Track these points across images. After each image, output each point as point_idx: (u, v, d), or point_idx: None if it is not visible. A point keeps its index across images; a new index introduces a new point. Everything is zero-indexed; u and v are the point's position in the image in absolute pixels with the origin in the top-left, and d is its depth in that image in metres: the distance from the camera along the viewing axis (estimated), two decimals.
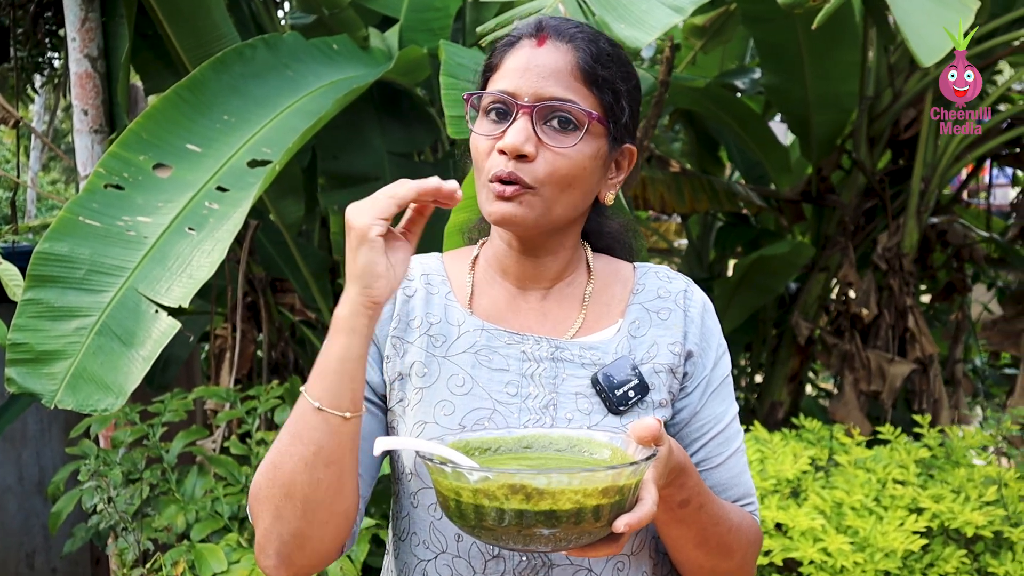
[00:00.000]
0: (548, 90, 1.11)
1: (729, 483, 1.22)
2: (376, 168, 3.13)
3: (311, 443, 1.02)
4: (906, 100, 3.97)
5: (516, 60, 1.14)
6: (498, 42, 1.21)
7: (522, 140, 1.10)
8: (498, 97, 1.12)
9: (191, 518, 2.52)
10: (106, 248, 2.20)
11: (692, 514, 1.09)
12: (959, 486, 2.55)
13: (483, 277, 1.25)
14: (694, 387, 1.21)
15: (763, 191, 4.56)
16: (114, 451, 2.77)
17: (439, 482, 0.94)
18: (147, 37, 3.22)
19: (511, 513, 0.88)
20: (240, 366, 3.41)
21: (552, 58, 1.13)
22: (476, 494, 0.89)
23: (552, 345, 1.18)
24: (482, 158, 1.14)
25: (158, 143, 2.43)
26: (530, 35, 1.15)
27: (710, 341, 1.23)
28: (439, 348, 1.19)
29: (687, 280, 1.27)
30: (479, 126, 1.15)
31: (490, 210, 1.13)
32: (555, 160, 1.11)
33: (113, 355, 2.06)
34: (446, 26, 3.34)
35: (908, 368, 3.98)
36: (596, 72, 1.14)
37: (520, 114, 1.11)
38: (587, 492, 0.88)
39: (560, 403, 1.16)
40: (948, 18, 2.05)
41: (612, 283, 1.26)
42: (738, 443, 1.24)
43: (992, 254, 4.73)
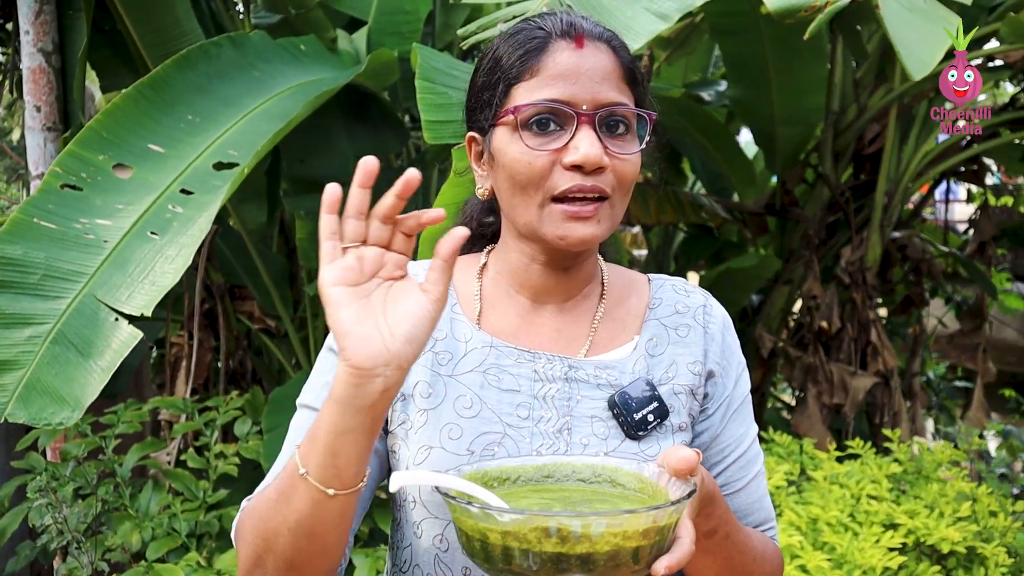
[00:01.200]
0: (605, 95, 1.04)
1: (750, 508, 1.17)
2: (344, 173, 3.01)
3: (294, 511, 0.93)
4: (870, 115, 4.00)
5: (558, 64, 1.04)
6: (503, 48, 1.09)
7: (600, 151, 1.02)
8: (548, 107, 1.03)
9: (147, 536, 2.41)
10: (62, 252, 2.08)
11: (718, 544, 1.03)
12: (932, 502, 2.55)
13: (493, 290, 1.16)
14: (715, 408, 1.15)
15: (727, 203, 4.55)
16: (63, 465, 2.64)
17: (462, 521, 0.86)
18: (105, 33, 3.09)
19: (543, 557, 0.81)
20: (196, 375, 3.29)
21: (598, 59, 1.05)
22: (505, 536, 0.82)
23: (566, 364, 1.10)
24: (535, 177, 1.04)
25: (118, 142, 2.32)
26: (564, 35, 1.06)
27: (731, 360, 1.17)
28: (445, 366, 1.11)
29: (705, 294, 1.21)
30: (526, 139, 1.04)
31: (561, 233, 1.04)
32: (622, 167, 1.05)
33: (69, 365, 1.94)
34: (416, 29, 3.27)
35: (870, 381, 4.00)
36: (635, 72, 1.08)
37: (582, 123, 1.03)
38: (627, 534, 0.81)
39: (575, 427, 1.08)
40: (932, 32, 2.04)
41: (627, 296, 1.18)
42: (759, 465, 1.18)
43: (948, 269, 4.80)
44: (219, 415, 2.81)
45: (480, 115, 1.11)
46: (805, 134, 4.18)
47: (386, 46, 3.11)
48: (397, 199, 0.87)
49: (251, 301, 3.51)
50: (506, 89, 1.07)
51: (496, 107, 1.08)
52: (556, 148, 1.03)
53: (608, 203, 1.05)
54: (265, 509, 0.97)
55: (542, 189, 1.04)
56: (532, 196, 1.05)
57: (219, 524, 2.55)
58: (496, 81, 1.08)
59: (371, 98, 3.18)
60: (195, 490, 2.62)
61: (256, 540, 0.98)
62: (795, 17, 1.83)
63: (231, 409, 2.82)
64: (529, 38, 1.06)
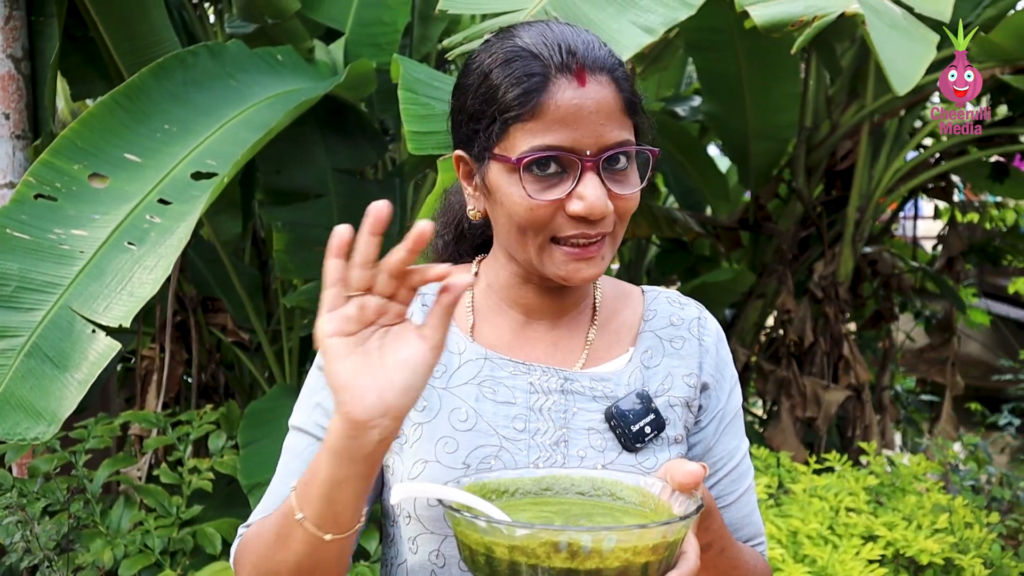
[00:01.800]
0: (608, 135, 1.00)
1: (741, 522, 1.16)
2: (320, 184, 3.01)
3: (293, 552, 0.92)
4: (843, 132, 4.05)
5: (560, 106, 0.98)
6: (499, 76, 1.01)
7: (604, 202, 0.98)
8: (555, 156, 0.99)
9: (119, 553, 2.35)
10: (36, 263, 2.03)
11: (713, 559, 1.02)
12: (910, 514, 2.57)
13: (485, 302, 1.14)
14: (709, 420, 1.14)
15: (701, 217, 4.58)
16: (32, 481, 2.57)
17: (467, 535, 0.85)
18: (76, 40, 3.04)
19: (552, 572, 0.80)
20: (168, 389, 3.23)
21: (600, 96, 1.00)
22: (512, 550, 0.80)
23: (561, 376, 1.09)
24: (536, 223, 1.01)
25: (94, 151, 2.27)
26: (564, 69, 0.99)
27: (724, 372, 1.16)
28: (439, 379, 1.08)
29: (699, 306, 1.20)
30: (527, 185, 1.00)
31: (564, 273, 1.02)
32: (625, 205, 1.02)
33: (45, 379, 1.89)
34: (394, 41, 3.26)
35: (843, 395, 4.03)
36: (636, 100, 1.05)
37: (586, 170, 0.99)
38: (637, 550, 0.80)
39: (571, 439, 1.07)
40: (914, 49, 2.08)
41: (622, 308, 1.17)
42: (749, 479, 1.17)
43: (917, 284, 4.87)
44: (193, 429, 2.76)
45: (473, 142, 1.06)
46: (778, 150, 4.23)
47: (363, 57, 3.09)
48: (408, 253, 0.83)
49: (224, 313, 3.46)
50: (503, 127, 1.01)
51: (492, 140, 1.02)
52: (559, 198, 0.99)
53: (610, 236, 1.04)
54: (264, 548, 0.96)
55: (543, 233, 1.02)
56: (532, 237, 1.02)
57: (193, 541, 2.50)
58: (492, 114, 1.01)
59: (348, 109, 3.16)
60: (168, 506, 2.56)
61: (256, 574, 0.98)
62: (782, 31, 1.84)
63: (205, 423, 2.77)
64: (527, 74, 0.99)
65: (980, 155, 4.04)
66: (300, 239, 2.87)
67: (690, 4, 2.17)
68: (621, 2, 2.14)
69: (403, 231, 2.45)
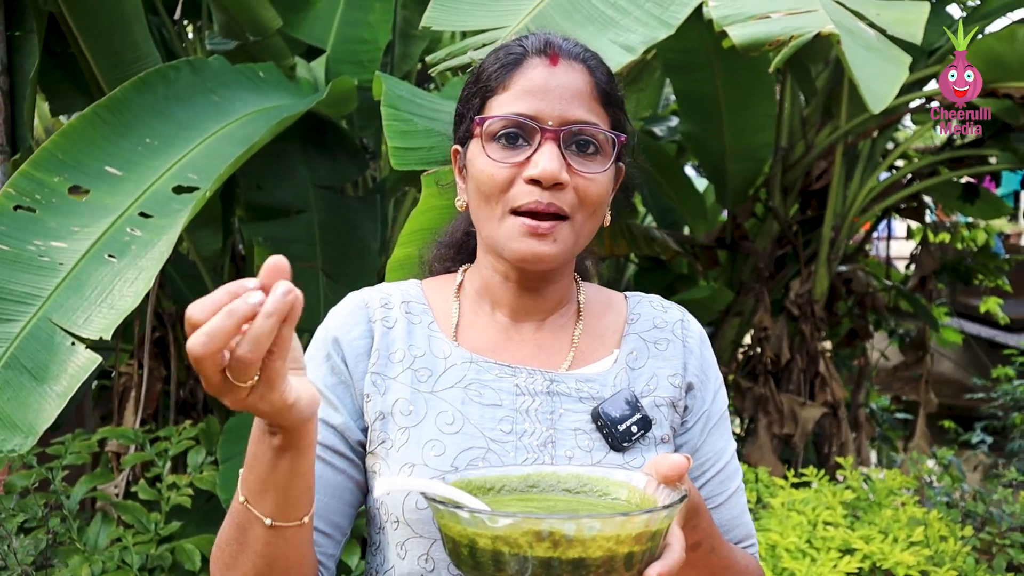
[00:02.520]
0: (573, 112, 1.05)
1: (731, 524, 1.18)
2: (301, 200, 3.02)
3: (249, 547, 0.95)
4: (817, 152, 4.11)
5: (530, 80, 1.06)
6: (487, 62, 1.12)
7: (557, 167, 1.03)
8: (515, 120, 1.05)
9: (97, 569, 2.33)
10: (15, 274, 2.02)
11: (703, 557, 1.04)
12: (886, 527, 2.59)
13: (471, 307, 1.17)
14: (695, 421, 1.17)
15: (679, 236, 4.63)
16: (8, 497, 2.54)
17: (450, 527, 0.85)
18: (56, 55, 3.04)
19: (535, 562, 0.80)
20: (146, 405, 3.20)
21: (571, 78, 1.07)
22: (496, 541, 0.81)
23: (547, 378, 1.11)
24: (498, 189, 1.06)
25: (74, 164, 2.27)
26: (540, 52, 1.08)
27: (709, 373, 1.19)
28: (425, 383, 1.11)
29: (682, 309, 1.23)
30: (490, 151, 1.06)
31: (516, 247, 1.06)
32: (586, 186, 1.06)
33: (23, 391, 1.87)
34: (375, 59, 3.29)
35: (819, 412, 4.07)
36: (613, 92, 1.09)
37: (545, 139, 1.04)
38: (620, 539, 0.80)
39: (559, 440, 1.09)
40: (887, 69, 2.12)
41: (605, 312, 1.20)
42: (738, 481, 1.20)
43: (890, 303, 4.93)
44: (172, 445, 2.74)
45: (460, 127, 1.14)
46: (755, 170, 4.29)
47: (345, 74, 3.11)
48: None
49: None
50: (482, 102, 1.09)
51: (473, 115, 1.10)
52: (518, 162, 1.05)
53: (568, 223, 1.06)
54: (226, 545, 0.98)
55: (502, 201, 1.06)
56: (494, 207, 1.07)
57: (171, 557, 2.47)
58: (475, 93, 1.11)
59: (329, 126, 3.18)
60: (146, 522, 2.54)
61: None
62: (759, 51, 1.88)
63: (184, 439, 2.75)
64: (507, 53, 1.09)
65: (951, 176, 4.11)
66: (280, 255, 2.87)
67: (669, 24, 2.21)
68: (602, 21, 2.18)
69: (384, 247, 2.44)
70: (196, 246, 3.12)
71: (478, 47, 1.99)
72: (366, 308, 1.15)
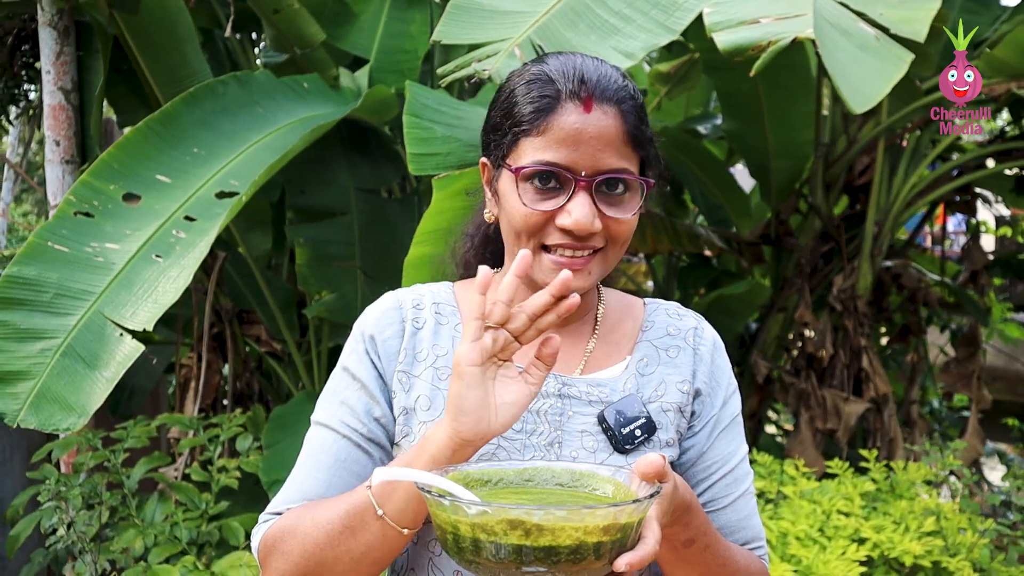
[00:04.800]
0: (605, 162, 1.09)
1: (737, 525, 1.20)
2: (342, 203, 3.21)
3: (362, 543, 1.03)
4: (860, 147, 4.11)
5: (563, 127, 1.08)
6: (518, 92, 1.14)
7: (591, 219, 1.08)
8: (551, 171, 1.09)
9: (149, 542, 2.55)
10: (73, 273, 2.26)
11: (697, 554, 1.07)
12: (900, 517, 2.63)
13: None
14: (702, 426, 1.19)
15: (724, 233, 4.68)
16: (75, 476, 2.80)
17: (437, 515, 0.91)
18: (122, 72, 3.30)
19: (509, 548, 0.86)
20: (205, 395, 3.45)
21: (603, 124, 1.09)
22: (474, 528, 0.87)
23: (559, 381, 1.16)
24: (529, 230, 1.11)
25: (129, 173, 2.50)
26: (573, 96, 1.09)
27: (720, 380, 1.21)
28: (445, 381, 1.15)
29: (698, 317, 1.26)
30: (524, 194, 1.11)
31: (549, 281, 1.05)
32: (617, 228, 1.11)
33: (77, 376, 2.10)
34: (415, 67, 3.46)
35: (863, 407, 4.07)
36: (643, 134, 1.12)
37: (579, 189, 1.08)
38: (588, 529, 0.85)
39: (565, 441, 1.14)
40: (882, 69, 2.17)
41: (624, 319, 1.24)
42: (747, 484, 1.22)
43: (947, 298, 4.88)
44: (223, 431, 2.96)
45: (492, 149, 1.18)
46: (797, 167, 4.31)
47: (386, 83, 3.30)
48: (552, 298, 0.98)
49: (258, 325, 3.68)
50: (515, 138, 1.12)
51: (505, 150, 1.13)
52: (551, 209, 1.09)
53: (600, 255, 1.12)
54: (324, 537, 1.06)
55: (534, 239, 1.11)
56: (525, 243, 1.12)
57: (219, 534, 2.69)
58: (508, 126, 1.13)
59: (372, 132, 3.37)
60: (198, 501, 2.76)
61: (307, 563, 1.07)
62: (744, 55, 1.97)
63: (234, 426, 2.97)
64: (541, 95, 1.10)
65: (998, 168, 4.07)
66: (320, 255, 3.07)
67: (673, 30, 2.31)
68: (605, 29, 2.29)
69: None
70: (248, 247, 3.35)
71: (483, 58, 2.13)
72: (400, 309, 1.20)
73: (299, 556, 1.07)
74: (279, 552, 1.09)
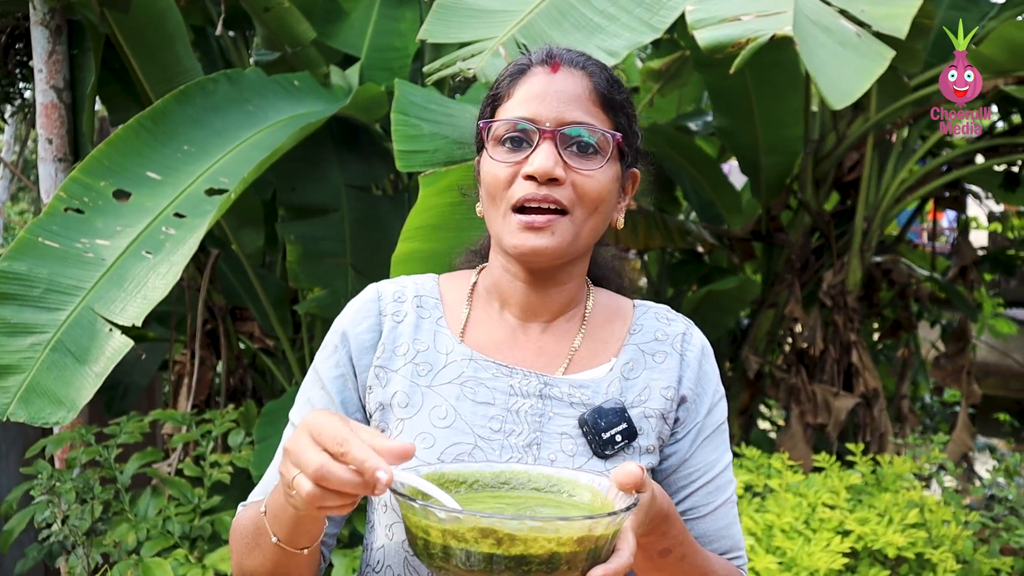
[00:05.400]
0: (569, 114, 1.11)
1: (716, 534, 1.19)
2: (333, 200, 3.23)
3: (270, 560, 1.03)
4: (849, 143, 4.14)
5: (531, 87, 1.13)
6: (500, 74, 1.19)
7: (551, 163, 1.09)
8: (516, 123, 1.12)
9: (142, 536, 2.58)
10: (64, 268, 2.28)
11: (674, 564, 1.06)
12: (885, 510, 2.66)
13: (481, 307, 1.22)
14: (685, 433, 1.18)
15: (715, 229, 4.71)
16: (68, 471, 2.82)
17: (408, 518, 0.89)
18: (114, 70, 3.32)
19: (480, 557, 0.84)
20: (198, 392, 3.47)
21: (569, 83, 1.12)
22: (445, 534, 0.85)
23: (541, 381, 1.15)
24: (501, 187, 1.12)
25: (119, 170, 2.53)
26: (542, 62, 1.14)
27: (706, 387, 1.20)
28: (424, 377, 1.15)
29: (688, 322, 1.24)
30: (494, 153, 1.14)
31: (516, 243, 1.11)
32: (584, 182, 1.11)
33: (66, 371, 2.13)
34: (405, 65, 3.48)
35: (852, 402, 4.10)
36: (613, 96, 1.14)
37: (543, 139, 1.10)
38: (561, 540, 0.83)
39: (544, 442, 1.12)
40: (862, 65, 2.19)
41: (611, 319, 1.23)
42: (728, 494, 1.20)
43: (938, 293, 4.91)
44: (215, 427, 2.99)
45: (479, 136, 1.20)
46: (787, 163, 4.34)
47: (377, 81, 3.32)
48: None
49: (252, 322, 3.70)
50: (492, 110, 1.17)
51: (486, 131, 1.17)
52: (518, 160, 1.11)
53: (568, 218, 1.10)
54: (245, 546, 1.08)
55: (505, 198, 1.11)
56: (498, 206, 1.13)
57: (211, 528, 2.72)
58: (488, 100, 1.19)
59: (361, 130, 3.39)
60: (190, 496, 2.78)
61: (242, 564, 1.09)
62: (724, 52, 1.99)
63: (226, 421, 3.00)
64: (515, 65, 1.17)
65: (987, 165, 4.10)
66: (311, 251, 3.10)
67: (657, 28, 2.34)
68: (590, 28, 2.31)
69: None
70: (240, 244, 3.37)
71: (467, 57, 2.16)
72: (378, 302, 1.20)
73: (236, 555, 1.10)
74: (232, 545, 1.13)
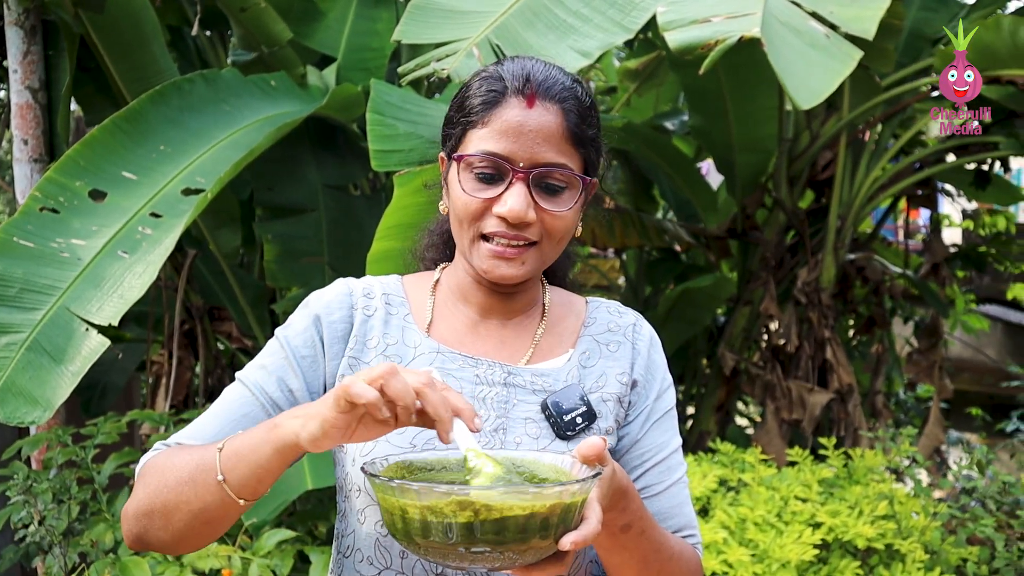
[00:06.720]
0: (543, 155, 1.14)
1: (669, 512, 1.25)
2: (310, 200, 3.25)
3: (200, 500, 1.04)
4: (822, 142, 4.19)
5: (506, 121, 1.14)
6: (472, 88, 1.20)
7: (524, 208, 1.13)
8: (489, 160, 1.14)
9: (119, 535, 2.58)
10: (39, 268, 2.29)
11: (634, 539, 1.11)
12: (855, 502, 2.71)
13: (444, 303, 1.28)
14: (636, 415, 1.26)
15: (691, 228, 4.75)
16: (45, 472, 2.82)
17: (384, 499, 0.94)
18: (89, 70, 3.32)
19: (458, 528, 0.89)
20: (176, 392, 3.47)
21: (543, 120, 1.14)
22: (423, 510, 0.89)
23: (505, 371, 1.22)
24: (469, 217, 1.16)
25: (95, 170, 2.53)
26: (518, 93, 1.16)
27: (655, 373, 1.28)
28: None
29: (637, 315, 1.33)
30: (465, 182, 1.16)
31: (485, 268, 1.17)
32: (552, 222, 1.16)
33: (42, 370, 2.13)
34: (382, 65, 3.50)
35: (827, 397, 4.16)
36: (584, 132, 1.18)
37: (516, 179, 1.14)
38: (536, 508, 0.89)
39: (510, 427, 1.19)
40: (830, 66, 2.24)
41: (566, 315, 1.31)
42: (679, 474, 1.27)
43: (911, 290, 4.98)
44: None
45: (446, 143, 1.24)
46: (762, 161, 4.39)
47: (354, 81, 3.34)
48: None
49: (229, 322, 3.70)
50: (463, 130, 1.19)
51: (455, 142, 1.20)
52: (490, 198, 1.15)
53: (536, 247, 1.17)
54: (173, 481, 1.07)
55: (474, 227, 1.17)
56: (467, 230, 1.18)
57: None
58: (459, 119, 1.20)
59: (338, 130, 3.40)
60: None
61: (152, 500, 1.08)
62: (694, 54, 2.03)
63: None
64: (489, 90, 1.17)
65: (958, 163, 4.16)
66: (288, 251, 3.11)
67: (629, 29, 2.37)
68: (563, 29, 2.35)
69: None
70: (217, 244, 3.37)
71: (441, 58, 2.18)
72: (350, 296, 1.25)
73: (152, 490, 1.09)
74: (143, 480, 1.11)
